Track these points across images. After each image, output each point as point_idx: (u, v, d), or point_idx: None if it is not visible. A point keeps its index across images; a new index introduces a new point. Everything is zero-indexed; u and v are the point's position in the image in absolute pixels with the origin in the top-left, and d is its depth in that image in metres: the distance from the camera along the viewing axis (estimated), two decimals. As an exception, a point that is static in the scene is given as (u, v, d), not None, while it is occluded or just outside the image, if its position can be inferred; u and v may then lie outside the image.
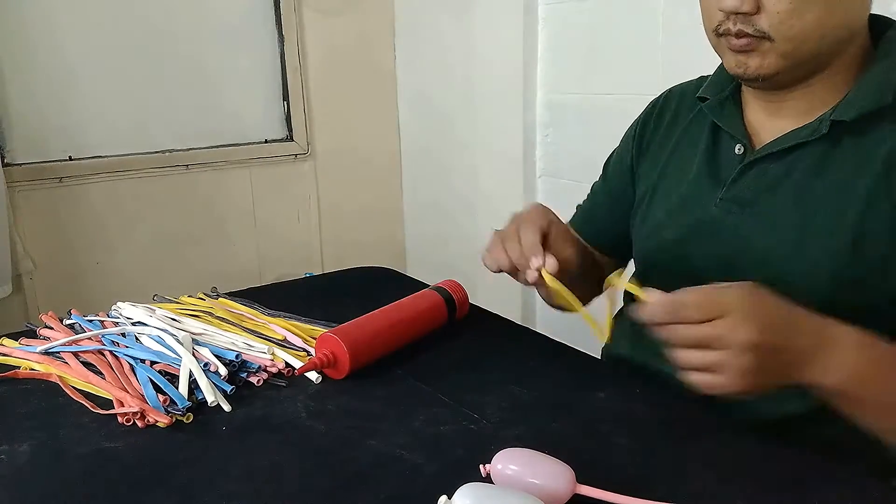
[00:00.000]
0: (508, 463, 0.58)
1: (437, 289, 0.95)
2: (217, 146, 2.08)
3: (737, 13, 0.68)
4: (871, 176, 0.68)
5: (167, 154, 1.99)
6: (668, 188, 0.85)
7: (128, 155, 1.94)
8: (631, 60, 1.63)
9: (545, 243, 0.74)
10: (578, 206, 1.03)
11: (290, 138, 2.20)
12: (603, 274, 0.82)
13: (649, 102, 0.94)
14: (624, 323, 0.85)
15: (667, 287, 0.82)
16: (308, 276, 1.35)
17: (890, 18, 0.75)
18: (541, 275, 0.71)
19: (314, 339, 0.90)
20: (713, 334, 0.58)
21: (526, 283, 0.73)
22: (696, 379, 0.60)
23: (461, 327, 0.95)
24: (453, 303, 0.94)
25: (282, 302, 1.01)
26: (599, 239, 0.97)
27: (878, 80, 0.70)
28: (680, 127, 0.87)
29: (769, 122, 0.77)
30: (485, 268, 0.77)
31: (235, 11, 2.05)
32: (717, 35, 0.72)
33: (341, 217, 2.35)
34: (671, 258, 0.82)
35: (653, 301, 0.61)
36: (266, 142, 2.17)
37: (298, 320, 0.95)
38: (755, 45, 0.69)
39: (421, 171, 2.40)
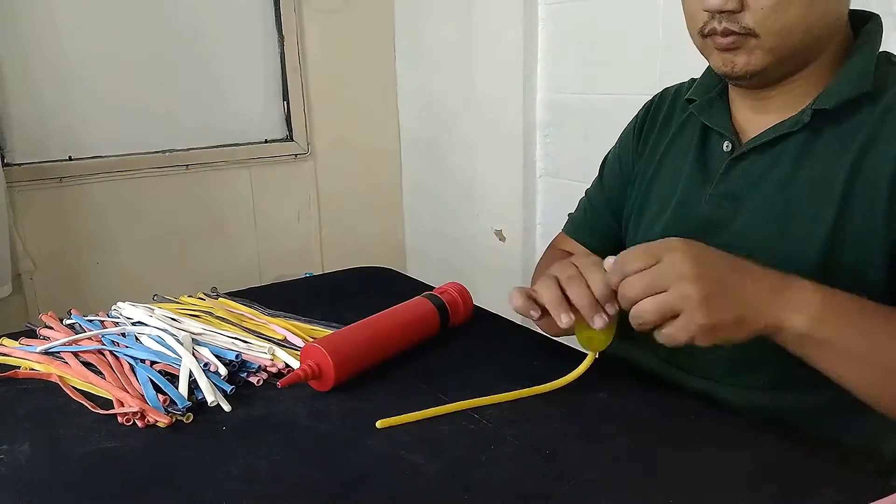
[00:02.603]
0: None
1: (431, 296, 0.91)
2: (217, 146, 2.08)
3: (721, 11, 0.69)
4: (848, 162, 0.70)
5: (167, 154, 1.99)
6: (661, 189, 0.87)
7: (128, 155, 1.94)
8: (631, 60, 1.63)
9: None
10: (570, 216, 1.03)
11: (290, 138, 2.20)
12: None
13: (645, 103, 0.96)
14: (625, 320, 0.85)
15: None
16: (308, 276, 1.35)
17: (870, 12, 0.76)
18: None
19: (313, 339, 0.90)
20: (655, 275, 0.62)
21: (552, 328, 0.76)
22: (660, 334, 0.63)
23: (462, 327, 0.95)
24: (446, 311, 0.90)
25: (282, 302, 1.01)
26: (603, 245, 0.97)
27: (858, 69, 0.71)
28: (672, 128, 0.89)
29: (755, 118, 0.79)
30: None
31: (235, 11, 2.05)
32: (703, 36, 0.73)
33: (341, 217, 2.35)
34: None
35: (607, 266, 0.67)
36: (266, 142, 2.17)
37: (298, 320, 0.95)
38: (741, 42, 0.70)
39: (421, 171, 2.40)
